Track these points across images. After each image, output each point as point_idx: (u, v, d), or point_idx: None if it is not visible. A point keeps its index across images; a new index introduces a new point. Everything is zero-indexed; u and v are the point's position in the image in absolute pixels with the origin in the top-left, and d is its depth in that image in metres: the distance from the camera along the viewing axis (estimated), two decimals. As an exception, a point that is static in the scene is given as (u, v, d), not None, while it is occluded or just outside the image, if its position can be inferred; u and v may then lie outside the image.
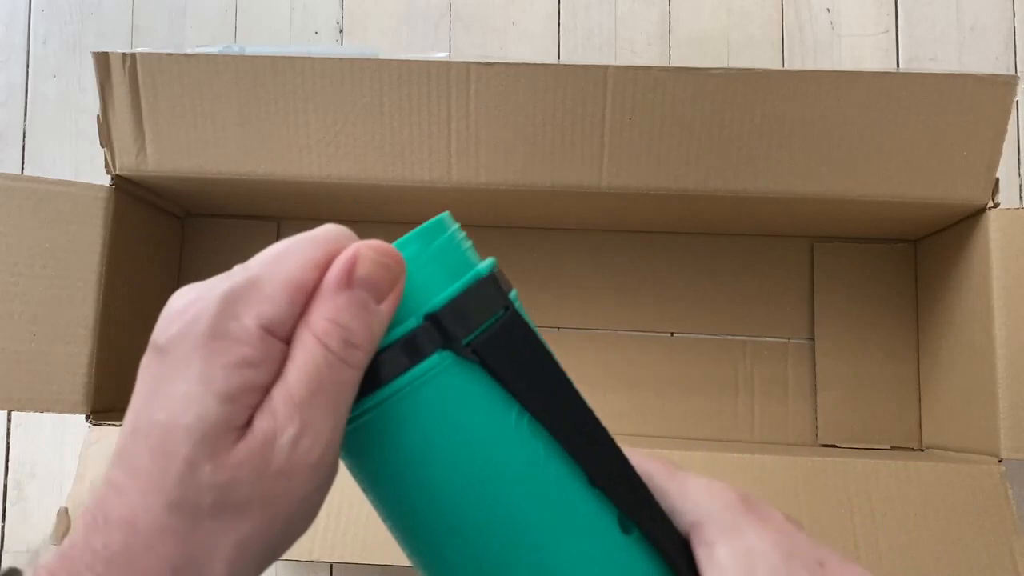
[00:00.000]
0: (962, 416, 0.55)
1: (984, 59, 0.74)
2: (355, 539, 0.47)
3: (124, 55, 0.53)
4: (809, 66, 0.74)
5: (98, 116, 0.54)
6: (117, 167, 0.54)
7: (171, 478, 0.18)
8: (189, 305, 0.19)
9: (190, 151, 0.54)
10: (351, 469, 0.23)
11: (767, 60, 0.75)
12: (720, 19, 0.75)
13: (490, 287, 0.22)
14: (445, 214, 0.23)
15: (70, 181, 0.54)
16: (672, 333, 0.65)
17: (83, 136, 0.76)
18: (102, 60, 0.53)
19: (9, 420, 0.73)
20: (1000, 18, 0.74)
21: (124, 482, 0.19)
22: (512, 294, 0.23)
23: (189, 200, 0.64)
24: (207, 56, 0.53)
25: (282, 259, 0.20)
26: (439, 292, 0.21)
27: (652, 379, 0.64)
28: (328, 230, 0.21)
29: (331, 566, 0.69)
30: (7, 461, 0.73)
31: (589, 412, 0.23)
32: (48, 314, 0.52)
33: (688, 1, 0.76)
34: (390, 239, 0.21)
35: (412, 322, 0.21)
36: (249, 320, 0.19)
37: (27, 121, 0.78)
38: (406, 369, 0.21)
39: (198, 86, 0.53)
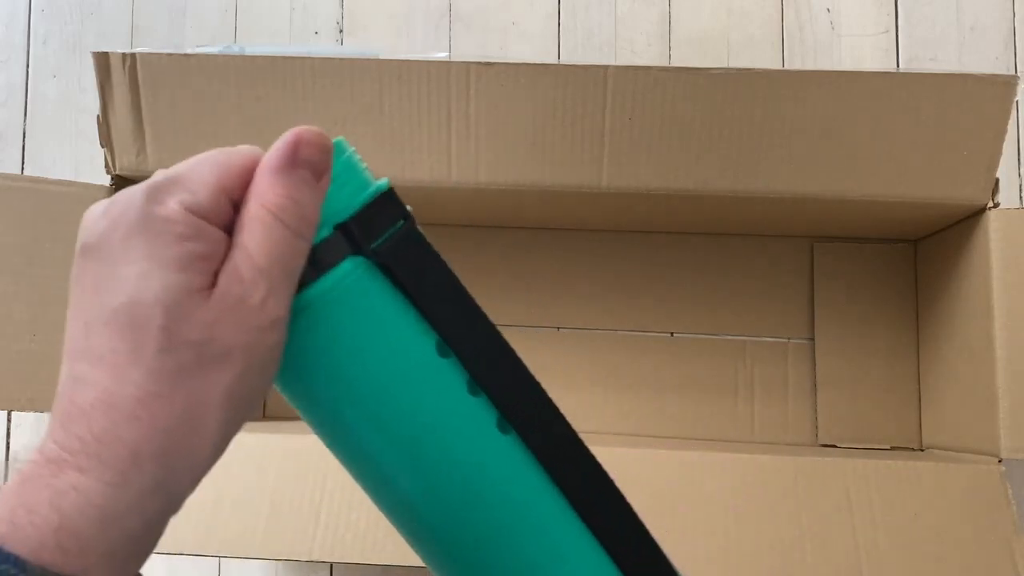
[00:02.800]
0: (962, 416, 0.55)
1: (984, 59, 0.74)
2: (355, 539, 0.47)
3: (124, 55, 0.53)
4: (809, 66, 0.74)
5: (98, 116, 0.54)
6: (117, 167, 0.54)
7: (149, 349, 0.19)
8: (111, 205, 0.21)
9: (190, 151, 0.53)
10: (284, 381, 0.25)
11: (767, 60, 0.75)
12: (720, 19, 0.75)
13: (390, 200, 0.24)
14: (341, 139, 0.25)
15: (70, 181, 0.54)
16: (672, 333, 0.65)
17: (83, 136, 0.76)
18: (102, 60, 0.53)
19: (9, 420, 0.73)
20: (1000, 18, 0.74)
21: (90, 372, 0.20)
22: (408, 208, 0.26)
23: (189, 200, 0.64)
24: (207, 56, 0.53)
25: (203, 162, 0.22)
26: (346, 206, 0.23)
27: (652, 379, 0.64)
28: (242, 147, 0.23)
29: (331, 566, 0.69)
30: (7, 461, 0.73)
31: (478, 313, 0.25)
32: (48, 314, 0.52)
33: (688, 1, 0.76)
34: None
35: (324, 232, 0.23)
36: (174, 204, 0.20)
37: (27, 121, 0.78)
38: (320, 275, 0.23)
39: (198, 86, 0.53)
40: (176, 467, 0.20)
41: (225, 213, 0.21)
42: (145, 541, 0.20)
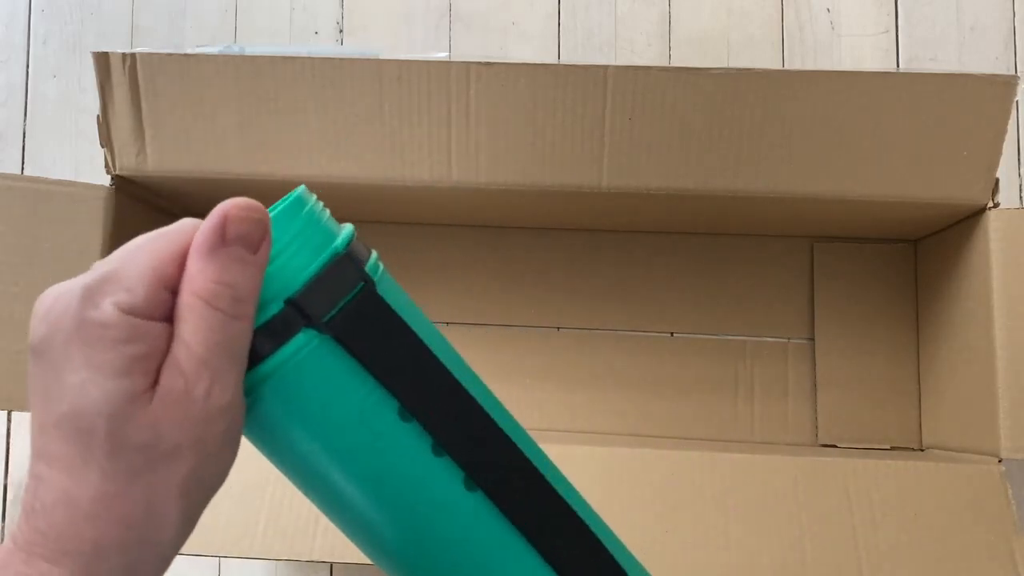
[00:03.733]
0: (962, 416, 0.55)
1: (984, 59, 0.74)
2: (355, 539, 0.47)
3: (124, 55, 0.53)
4: (809, 66, 0.74)
5: (98, 116, 0.54)
6: (117, 167, 0.54)
7: (97, 454, 0.20)
8: (52, 304, 0.21)
9: (190, 151, 0.54)
10: (253, 441, 0.25)
11: (767, 60, 0.75)
12: (720, 19, 0.75)
13: (346, 264, 0.23)
14: (301, 188, 0.24)
15: (70, 181, 0.54)
16: (672, 333, 0.65)
17: (83, 136, 0.76)
18: (102, 60, 0.53)
19: (9, 420, 0.73)
20: (1000, 18, 0.74)
21: (48, 472, 0.20)
22: (371, 263, 0.24)
23: (189, 200, 0.64)
24: (207, 56, 0.53)
25: (138, 252, 0.21)
26: (299, 273, 0.23)
27: (652, 379, 0.64)
28: (180, 224, 0.22)
29: (331, 566, 0.69)
30: (7, 461, 0.73)
31: (440, 372, 0.24)
32: (48, 314, 0.52)
33: (688, 1, 0.76)
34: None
35: (274, 307, 0.22)
36: (109, 307, 0.20)
37: (27, 121, 0.78)
38: (272, 352, 0.22)
39: (198, 86, 0.53)
40: (141, 556, 0.20)
41: (164, 304, 0.21)
42: None
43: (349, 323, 0.23)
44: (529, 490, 0.25)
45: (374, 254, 0.25)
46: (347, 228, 0.25)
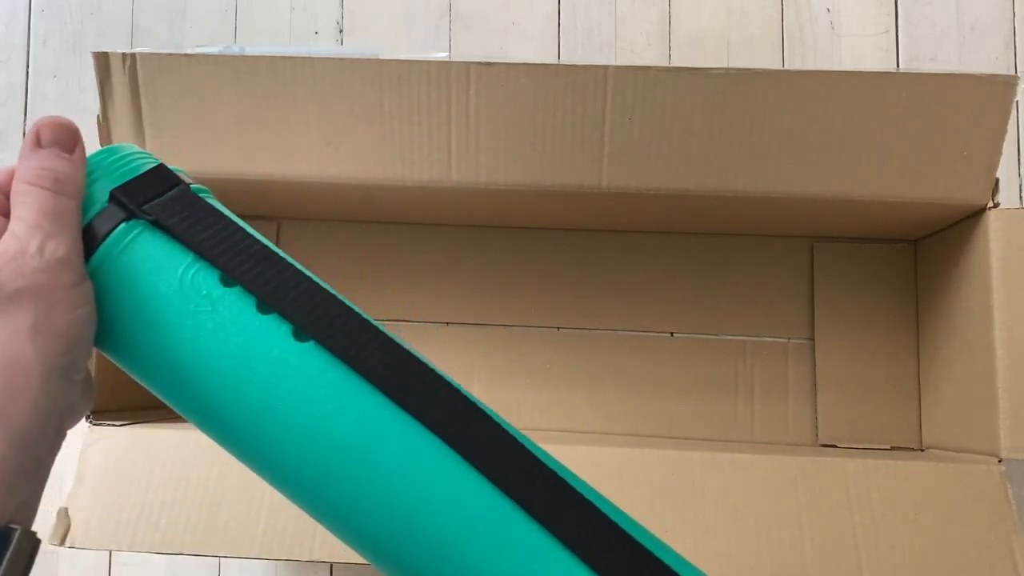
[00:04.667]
0: (962, 416, 0.55)
1: (984, 59, 0.74)
2: (355, 539, 0.47)
3: (124, 55, 0.53)
4: (809, 66, 0.74)
5: (98, 116, 0.54)
6: (117, 167, 0.54)
7: None
8: None
9: (190, 151, 0.54)
10: (105, 346, 0.27)
11: (767, 60, 0.75)
12: (720, 19, 0.75)
13: (163, 172, 0.28)
14: (119, 145, 0.29)
15: (70, 181, 0.54)
16: (672, 333, 0.65)
17: (83, 136, 0.76)
18: (102, 60, 0.53)
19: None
20: (1000, 18, 0.74)
21: None
22: (194, 184, 0.28)
23: (189, 200, 0.64)
24: (207, 56, 0.53)
25: None
26: (124, 178, 0.27)
27: (652, 379, 0.64)
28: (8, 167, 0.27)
29: (331, 566, 0.69)
30: (7, 461, 0.73)
31: (254, 241, 0.27)
32: (48, 314, 0.52)
33: (688, 1, 0.76)
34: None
35: (100, 203, 0.27)
36: None
37: (27, 121, 0.77)
38: (103, 240, 0.26)
39: (198, 86, 0.53)
40: (12, 404, 0.23)
41: (2, 204, 0.26)
42: (9, 471, 0.23)
43: (166, 210, 0.26)
44: (358, 332, 0.26)
45: (201, 186, 0.29)
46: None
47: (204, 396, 0.26)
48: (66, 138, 0.27)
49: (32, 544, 0.24)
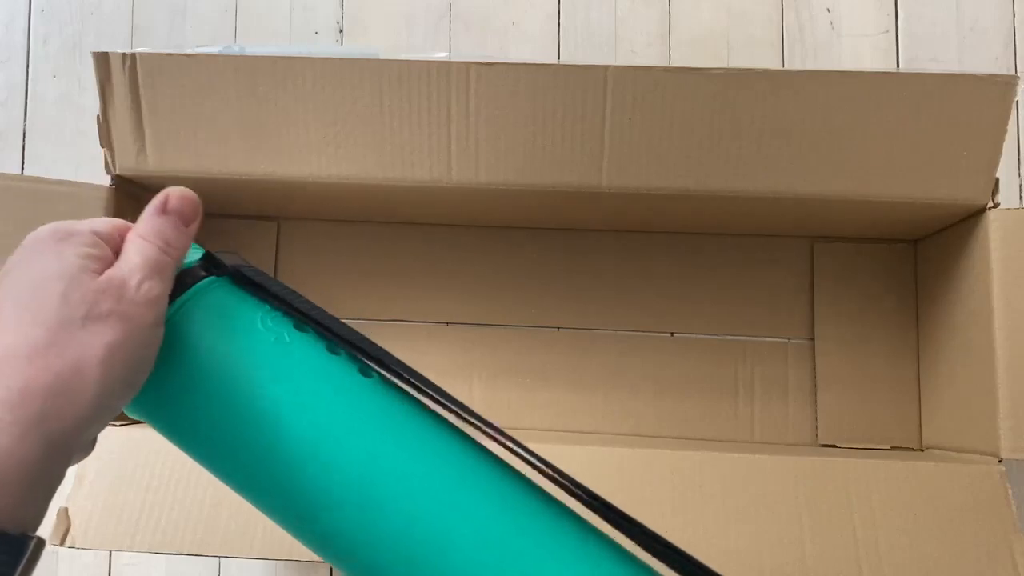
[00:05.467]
0: (962, 416, 0.55)
1: (984, 59, 0.74)
2: (355, 539, 0.47)
3: (124, 55, 0.53)
4: (809, 66, 0.74)
5: (98, 116, 0.54)
6: (117, 167, 0.54)
7: (48, 310, 0.25)
8: (39, 229, 0.28)
9: (190, 151, 0.54)
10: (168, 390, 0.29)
11: (767, 60, 0.75)
12: (720, 19, 0.75)
13: (238, 254, 0.32)
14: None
15: (70, 181, 0.54)
16: (672, 333, 0.65)
17: (83, 136, 0.76)
18: (102, 60, 0.53)
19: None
20: (1000, 18, 0.74)
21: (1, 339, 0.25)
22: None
23: (189, 200, 0.64)
24: (207, 56, 0.53)
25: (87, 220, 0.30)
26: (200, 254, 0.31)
27: (652, 379, 0.64)
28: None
29: (331, 566, 0.69)
30: (7, 461, 0.73)
31: (313, 303, 0.31)
32: (48, 314, 0.52)
33: (688, 1, 0.76)
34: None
35: (191, 260, 0.30)
36: (83, 226, 0.28)
37: (27, 121, 0.78)
38: (190, 286, 0.29)
39: (198, 86, 0.53)
40: (58, 408, 0.24)
41: (115, 243, 0.29)
42: (38, 475, 0.24)
43: (247, 270, 0.30)
44: (410, 370, 0.30)
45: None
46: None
47: (269, 432, 0.28)
48: (189, 212, 0.30)
49: (40, 550, 0.25)
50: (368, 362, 0.30)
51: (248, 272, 0.30)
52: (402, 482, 0.27)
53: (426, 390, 0.29)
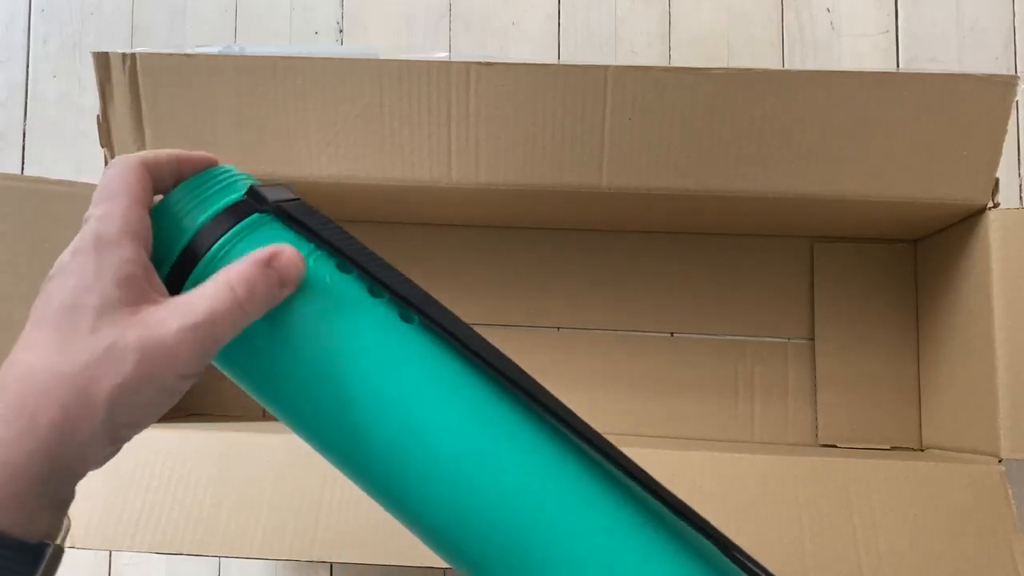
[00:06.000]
0: (962, 416, 0.55)
1: (984, 59, 0.74)
2: (355, 539, 0.47)
3: (124, 55, 0.53)
4: (809, 66, 0.74)
5: (98, 116, 0.54)
6: (117, 167, 0.54)
7: (74, 339, 0.24)
8: (75, 242, 0.26)
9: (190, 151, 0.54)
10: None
11: (767, 60, 0.75)
12: (720, 19, 0.75)
13: (286, 186, 0.31)
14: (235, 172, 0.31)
15: (70, 181, 0.54)
16: (672, 333, 0.65)
17: (83, 136, 0.76)
18: (102, 60, 0.53)
19: (9, 420, 0.73)
20: (1000, 18, 0.74)
21: (24, 356, 0.24)
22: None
23: (189, 200, 0.64)
24: (207, 56, 0.53)
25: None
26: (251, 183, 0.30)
27: (652, 379, 0.64)
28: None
29: (331, 566, 0.69)
30: (7, 461, 0.73)
31: (361, 244, 0.30)
32: (48, 314, 0.52)
33: (688, 1, 0.76)
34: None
35: (238, 195, 0.29)
36: (125, 240, 0.26)
37: (27, 121, 0.78)
38: (238, 222, 0.28)
39: (198, 86, 0.53)
40: (63, 438, 0.24)
41: (167, 176, 0.28)
42: (46, 492, 0.24)
43: (290, 209, 0.29)
44: (452, 316, 0.29)
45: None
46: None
47: (308, 370, 0.28)
48: (292, 278, 0.27)
49: (59, 556, 0.26)
50: (409, 308, 0.29)
51: (292, 209, 0.29)
52: (439, 428, 0.27)
53: (467, 343, 0.29)
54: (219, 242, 0.28)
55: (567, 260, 0.65)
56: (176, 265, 0.28)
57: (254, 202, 0.29)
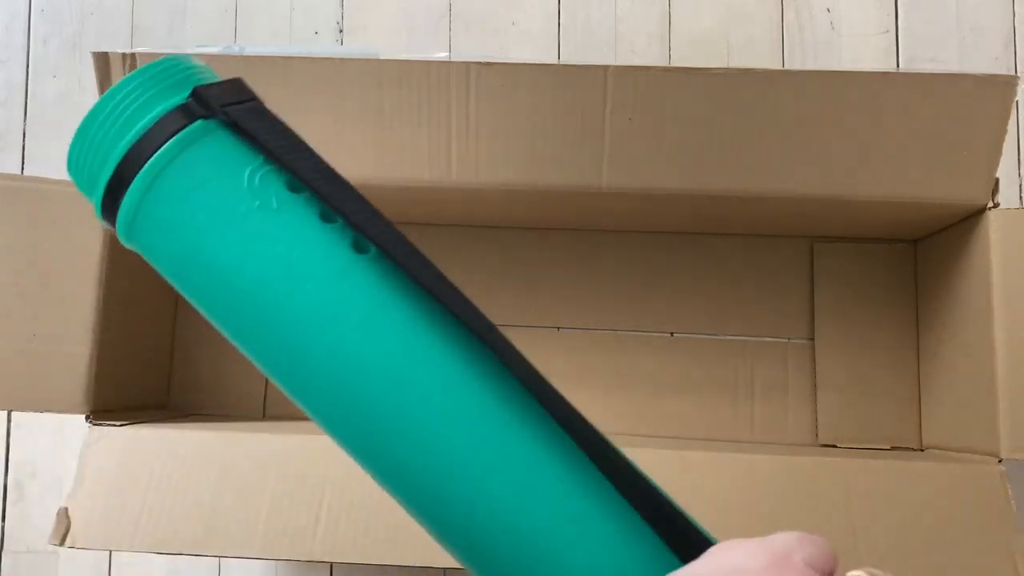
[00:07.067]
0: (962, 416, 0.55)
1: (984, 59, 0.74)
2: (355, 539, 0.47)
3: (124, 55, 0.53)
4: (809, 66, 0.74)
5: (98, 116, 0.53)
6: (117, 167, 0.54)
7: None
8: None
9: (190, 151, 0.54)
10: (163, 254, 0.27)
11: (767, 60, 0.75)
12: (720, 19, 0.75)
13: (242, 85, 0.28)
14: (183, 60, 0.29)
15: (70, 181, 0.54)
16: (672, 333, 0.65)
17: (83, 136, 0.76)
18: (102, 60, 0.53)
19: (9, 420, 0.73)
20: (1000, 18, 0.74)
21: None
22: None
23: (189, 200, 0.64)
24: (207, 56, 0.53)
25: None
26: (208, 79, 0.28)
27: (652, 379, 0.64)
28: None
29: (331, 566, 0.69)
30: (7, 461, 0.73)
31: (321, 160, 0.27)
32: (48, 314, 0.52)
33: (688, 1, 0.76)
34: None
35: (181, 97, 0.27)
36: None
37: (27, 121, 0.78)
38: (174, 134, 0.26)
39: (198, 86, 0.53)
40: None
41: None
42: None
43: (242, 113, 0.27)
44: (413, 249, 0.26)
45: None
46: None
47: (251, 300, 0.26)
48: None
49: None
50: (364, 236, 0.26)
51: (240, 115, 0.27)
52: (380, 367, 0.25)
53: (426, 277, 0.26)
54: (156, 154, 0.25)
55: (567, 260, 0.65)
56: (112, 180, 0.26)
57: (198, 107, 0.26)
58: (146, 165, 0.25)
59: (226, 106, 0.27)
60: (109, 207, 0.27)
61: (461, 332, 0.26)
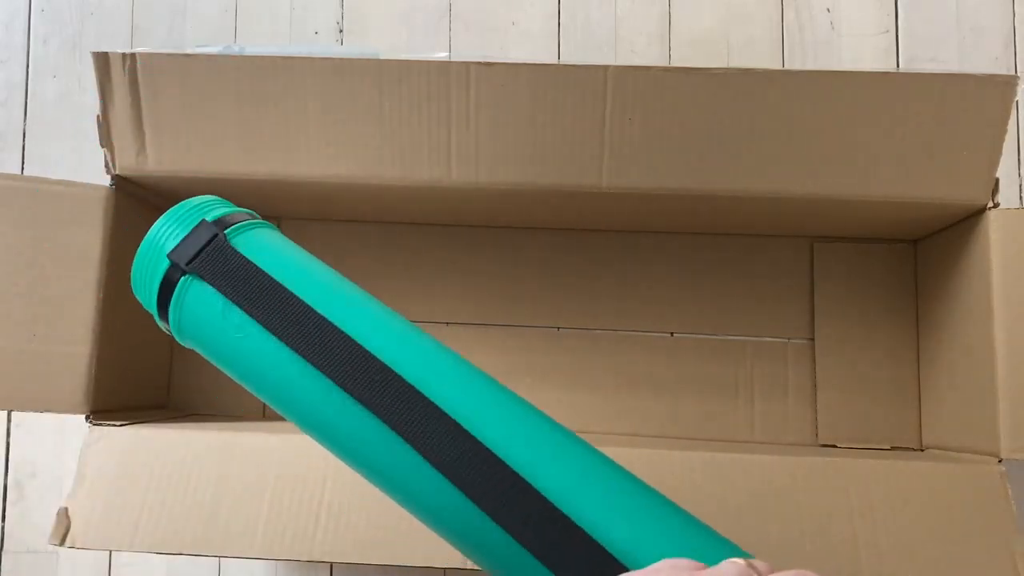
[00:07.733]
0: (962, 416, 0.55)
1: (984, 59, 0.74)
2: (355, 539, 0.47)
3: (124, 55, 0.53)
4: (809, 66, 0.74)
5: (98, 116, 0.54)
6: (117, 167, 0.54)
7: None
8: None
9: (190, 151, 0.54)
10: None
11: (767, 60, 0.75)
12: (720, 19, 0.75)
13: (203, 227, 0.34)
14: (198, 198, 0.36)
15: (70, 181, 0.54)
16: (672, 333, 0.65)
17: (83, 136, 0.76)
18: (102, 60, 0.53)
19: (9, 420, 0.73)
20: (1000, 18, 0.74)
21: None
22: (237, 225, 0.35)
23: (189, 200, 0.64)
24: (207, 56, 0.53)
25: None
26: (175, 240, 0.34)
27: (652, 379, 0.64)
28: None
29: (331, 566, 0.69)
30: (7, 461, 0.73)
31: (270, 281, 0.33)
32: (48, 314, 0.52)
33: (688, 1, 0.76)
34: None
35: (165, 265, 0.34)
36: None
37: (27, 121, 0.78)
38: (168, 298, 0.34)
39: (198, 86, 0.53)
40: None
41: None
42: None
43: (203, 263, 0.33)
44: (368, 375, 0.32)
45: (249, 221, 0.35)
46: (224, 208, 0.36)
47: (248, 380, 0.35)
48: None
49: None
50: (298, 353, 0.32)
51: (200, 268, 0.33)
52: (308, 407, 0.34)
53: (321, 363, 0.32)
54: (171, 301, 0.34)
55: (567, 260, 0.65)
56: (156, 309, 0.35)
57: (175, 271, 0.33)
58: (169, 306, 0.34)
59: (191, 261, 0.33)
60: (163, 320, 0.35)
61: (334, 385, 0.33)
